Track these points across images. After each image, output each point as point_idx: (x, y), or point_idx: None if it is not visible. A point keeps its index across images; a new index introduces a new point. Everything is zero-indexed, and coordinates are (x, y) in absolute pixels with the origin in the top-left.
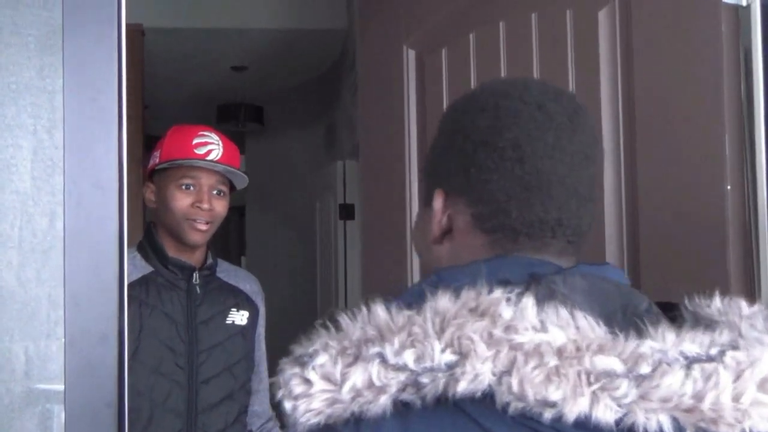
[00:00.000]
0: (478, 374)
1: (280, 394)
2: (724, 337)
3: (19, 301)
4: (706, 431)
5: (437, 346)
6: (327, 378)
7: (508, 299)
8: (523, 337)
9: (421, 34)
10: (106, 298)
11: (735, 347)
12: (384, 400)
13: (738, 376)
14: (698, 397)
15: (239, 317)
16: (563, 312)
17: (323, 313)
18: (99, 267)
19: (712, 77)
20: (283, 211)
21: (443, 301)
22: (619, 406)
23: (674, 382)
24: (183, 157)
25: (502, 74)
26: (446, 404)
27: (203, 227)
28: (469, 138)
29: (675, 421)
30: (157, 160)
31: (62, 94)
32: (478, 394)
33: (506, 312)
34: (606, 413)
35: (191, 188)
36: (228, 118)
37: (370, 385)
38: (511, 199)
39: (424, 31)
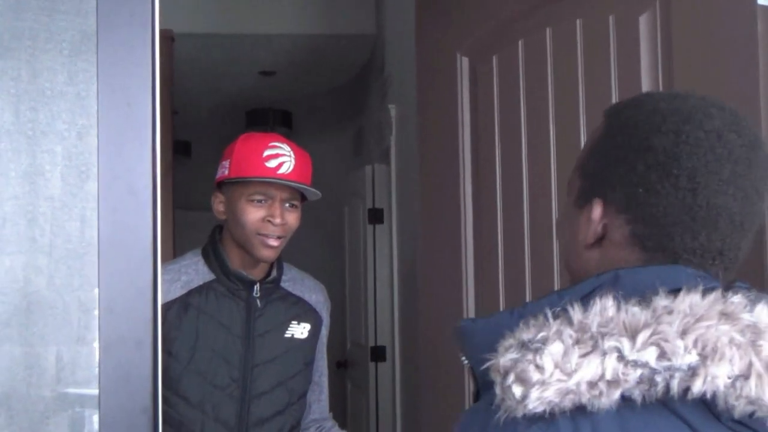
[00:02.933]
0: (716, 376)
1: (509, 378)
2: None
3: (53, 306)
4: None
5: (682, 346)
6: (560, 366)
7: (746, 305)
8: (766, 343)
9: (474, 42)
10: (141, 304)
11: None
12: (616, 395)
13: None
14: None
15: (299, 330)
16: None
17: (351, 316)
18: (133, 273)
19: (748, 78)
20: (311, 215)
21: (686, 303)
22: None
23: None
24: (254, 173)
25: (549, 79)
26: (661, 406)
27: (275, 243)
28: (642, 157)
29: None
30: (227, 172)
31: (96, 100)
32: (708, 395)
33: (749, 317)
34: None
35: (262, 202)
36: (256, 123)
37: (602, 377)
38: (676, 225)
39: (475, 39)
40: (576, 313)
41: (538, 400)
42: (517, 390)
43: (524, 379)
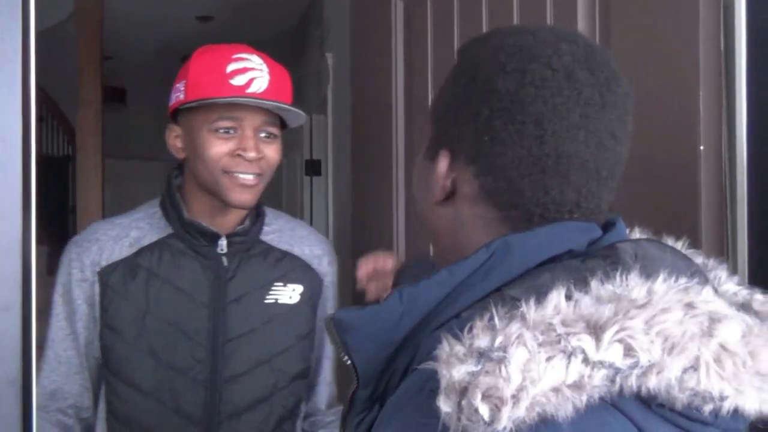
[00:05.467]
0: (669, 370)
1: (475, 397)
2: None
3: None
4: None
5: (648, 342)
6: (525, 376)
7: (700, 290)
8: (720, 333)
9: None
10: (8, 263)
11: None
12: (583, 400)
13: None
14: None
15: (287, 294)
16: (721, 300)
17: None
18: None
19: (688, 26)
20: None
21: (643, 290)
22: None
23: None
24: (217, 94)
25: (484, 24)
26: (605, 404)
27: (251, 182)
28: (486, 101)
29: None
30: (182, 96)
31: None
32: (659, 390)
33: (706, 306)
34: (752, 404)
35: (230, 132)
36: None
37: (568, 382)
38: (524, 178)
39: None
40: (531, 310)
41: (509, 420)
42: (485, 410)
43: (493, 396)
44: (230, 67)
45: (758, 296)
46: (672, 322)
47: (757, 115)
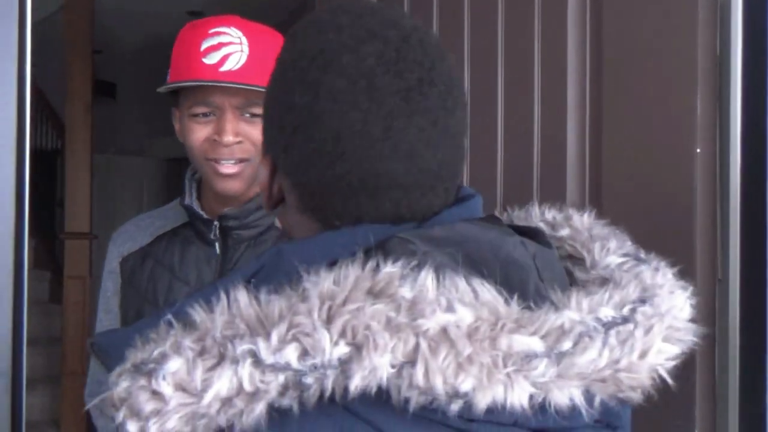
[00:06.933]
0: (376, 368)
1: (120, 415)
2: (634, 292)
3: None
4: (619, 398)
5: (327, 338)
6: (183, 388)
7: (403, 275)
8: (429, 321)
9: None
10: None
11: (643, 301)
12: (259, 409)
13: (647, 331)
14: (614, 365)
15: None
16: (463, 285)
17: None
18: None
19: (686, 31)
20: None
21: (329, 282)
22: (534, 386)
23: (594, 355)
24: (187, 76)
25: (466, 17)
26: (331, 406)
27: (230, 169)
28: (286, 115)
29: (587, 391)
30: (168, 78)
31: None
32: (373, 390)
33: (406, 291)
34: (520, 396)
35: (208, 115)
36: None
37: (240, 391)
38: (335, 195)
39: None
40: (200, 314)
41: None
42: (132, 427)
43: (138, 412)
44: (204, 44)
45: (642, 268)
46: (357, 314)
47: (752, 118)
